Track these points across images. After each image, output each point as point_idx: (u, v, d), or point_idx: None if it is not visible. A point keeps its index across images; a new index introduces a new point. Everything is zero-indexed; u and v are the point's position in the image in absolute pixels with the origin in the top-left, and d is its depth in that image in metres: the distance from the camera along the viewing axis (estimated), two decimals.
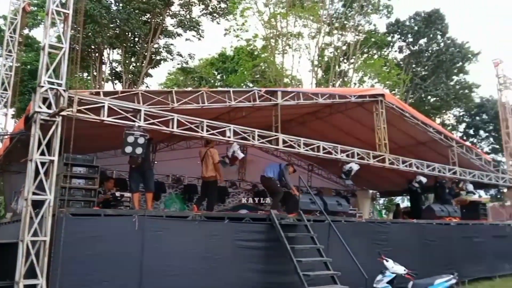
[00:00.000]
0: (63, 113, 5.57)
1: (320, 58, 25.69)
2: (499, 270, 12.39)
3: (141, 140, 6.33)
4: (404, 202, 23.52)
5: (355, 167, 9.82)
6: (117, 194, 8.75)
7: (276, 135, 8.39)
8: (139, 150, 6.36)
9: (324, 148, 9.32)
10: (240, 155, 8.07)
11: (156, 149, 12.51)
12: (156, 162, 12.55)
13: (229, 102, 7.76)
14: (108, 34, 18.49)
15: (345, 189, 17.94)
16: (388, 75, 24.15)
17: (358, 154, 9.88)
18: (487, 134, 31.14)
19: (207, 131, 7.34)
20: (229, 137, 7.60)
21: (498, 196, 26.25)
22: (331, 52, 26.39)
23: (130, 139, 6.25)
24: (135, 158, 6.75)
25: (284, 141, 8.55)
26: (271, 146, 8.40)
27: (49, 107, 5.59)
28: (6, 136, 9.47)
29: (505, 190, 15.27)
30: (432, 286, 7.27)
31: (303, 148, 8.94)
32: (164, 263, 6.32)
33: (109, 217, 6.10)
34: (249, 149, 14.55)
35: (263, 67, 25.37)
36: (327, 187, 16.33)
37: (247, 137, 7.96)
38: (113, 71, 21.98)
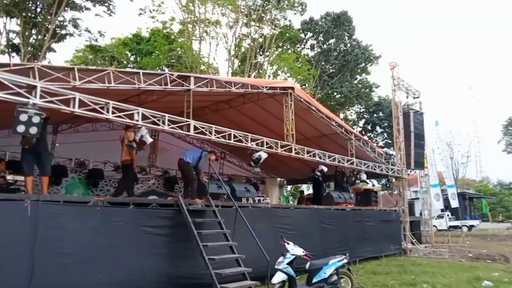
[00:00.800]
0: None
1: (237, 48, 25.77)
2: (385, 251, 13.76)
3: (36, 119, 5.71)
4: (309, 189, 24.86)
5: (264, 155, 10.06)
6: (9, 177, 7.90)
7: (187, 121, 8.20)
8: (33, 130, 5.73)
9: (235, 136, 9.37)
10: (149, 139, 7.73)
11: (57, 130, 11.50)
12: (57, 145, 11.58)
13: (138, 84, 7.37)
14: (4, 1, 16.39)
15: (255, 176, 18.38)
16: (299, 70, 25.11)
17: (267, 143, 10.12)
18: (382, 130, 34.12)
19: (113, 113, 6.89)
20: (137, 120, 7.22)
21: (388, 185, 29.06)
22: (248, 43, 26.66)
23: (23, 117, 5.60)
24: (29, 139, 6.07)
25: (195, 128, 8.38)
26: (182, 132, 8.19)
27: None
28: None
29: (394, 180, 16.89)
30: (326, 266, 7.77)
31: (215, 135, 8.88)
32: (59, 252, 5.83)
33: None
34: (163, 136, 14.14)
35: (179, 52, 24.68)
36: (238, 174, 16.56)
37: (156, 121, 7.64)
38: (10, 42, 19.61)
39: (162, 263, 7.20)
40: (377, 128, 34.15)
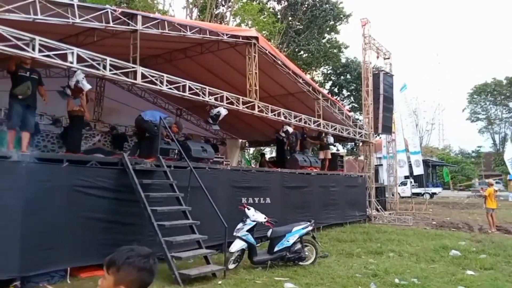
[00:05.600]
0: None
1: None
2: (350, 217, 13.83)
3: None
4: (273, 152, 24.65)
5: (223, 111, 9.48)
6: None
7: (133, 67, 7.38)
8: None
9: (190, 88, 8.67)
10: (86, 86, 6.86)
11: None
12: None
13: (72, 19, 6.42)
14: None
15: (215, 137, 17.81)
16: (264, 23, 24.18)
17: (227, 99, 9.51)
18: (349, 93, 34.17)
19: (41, 52, 5.97)
20: (71, 62, 6.34)
21: (354, 150, 29.49)
22: None
23: None
24: (25, 87, 5.94)
25: (144, 76, 7.60)
26: (127, 80, 7.37)
27: None
28: None
29: (361, 144, 16.88)
30: (289, 233, 7.50)
31: (167, 86, 8.14)
32: None
33: None
34: (109, 92, 13.09)
35: None
36: (196, 134, 15.89)
37: (96, 65, 6.79)
38: None
39: (101, 230, 6.60)
40: (344, 91, 34.15)
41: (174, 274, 6.13)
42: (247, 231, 7.26)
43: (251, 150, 27.66)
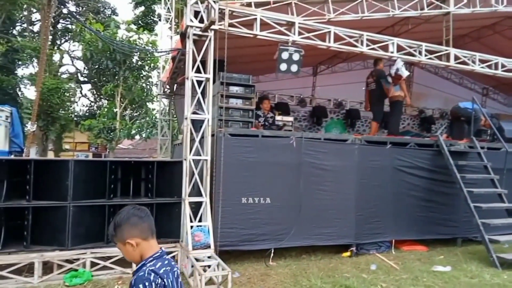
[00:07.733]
0: (215, 27, 5.39)
1: None
2: None
3: (296, 57, 6.00)
4: None
5: None
6: (278, 118, 8.85)
7: (446, 50, 7.29)
8: (294, 68, 6.06)
9: (504, 65, 7.93)
10: (405, 73, 7.23)
11: (316, 72, 12.22)
12: (318, 87, 12.35)
13: (392, 11, 6.84)
14: None
15: None
16: None
17: None
18: None
19: (367, 46, 6.66)
20: (392, 52, 6.80)
21: None
22: None
23: (285, 55, 5.96)
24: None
25: (456, 57, 7.40)
26: (440, 63, 7.32)
27: (201, 21, 5.48)
28: (166, 55, 10.12)
29: None
30: None
31: (479, 65, 7.68)
32: (318, 187, 6.20)
33: (267, 138, 5.98)
34: (418, 78, 13.13)
35: None
36: (503, 113, 14.03)
37: (413, 52, 7.06)
38: None
39: (418, 208, 6.90)
40: None
41: (491, 256, 5.94)
42: None
43: None
